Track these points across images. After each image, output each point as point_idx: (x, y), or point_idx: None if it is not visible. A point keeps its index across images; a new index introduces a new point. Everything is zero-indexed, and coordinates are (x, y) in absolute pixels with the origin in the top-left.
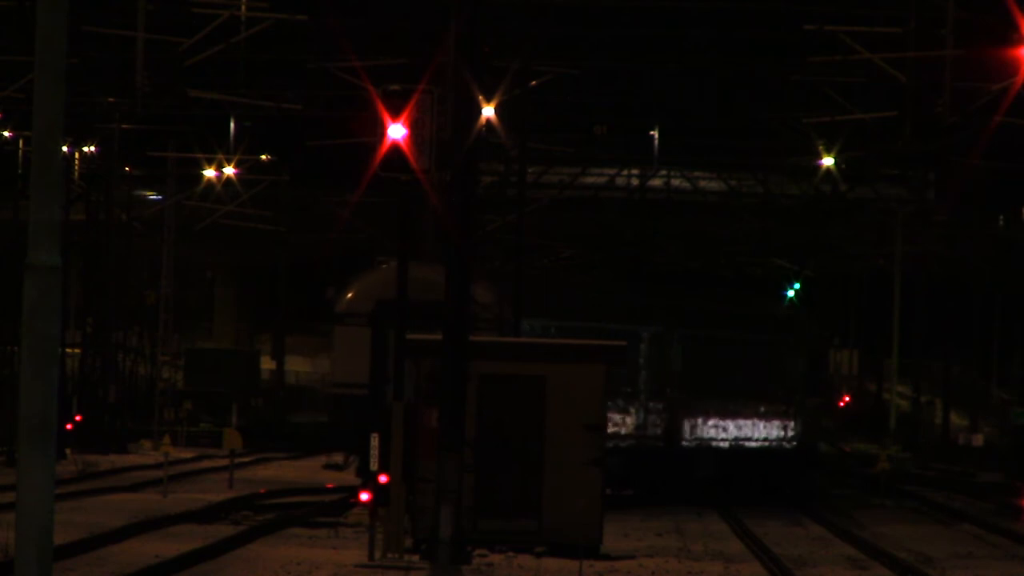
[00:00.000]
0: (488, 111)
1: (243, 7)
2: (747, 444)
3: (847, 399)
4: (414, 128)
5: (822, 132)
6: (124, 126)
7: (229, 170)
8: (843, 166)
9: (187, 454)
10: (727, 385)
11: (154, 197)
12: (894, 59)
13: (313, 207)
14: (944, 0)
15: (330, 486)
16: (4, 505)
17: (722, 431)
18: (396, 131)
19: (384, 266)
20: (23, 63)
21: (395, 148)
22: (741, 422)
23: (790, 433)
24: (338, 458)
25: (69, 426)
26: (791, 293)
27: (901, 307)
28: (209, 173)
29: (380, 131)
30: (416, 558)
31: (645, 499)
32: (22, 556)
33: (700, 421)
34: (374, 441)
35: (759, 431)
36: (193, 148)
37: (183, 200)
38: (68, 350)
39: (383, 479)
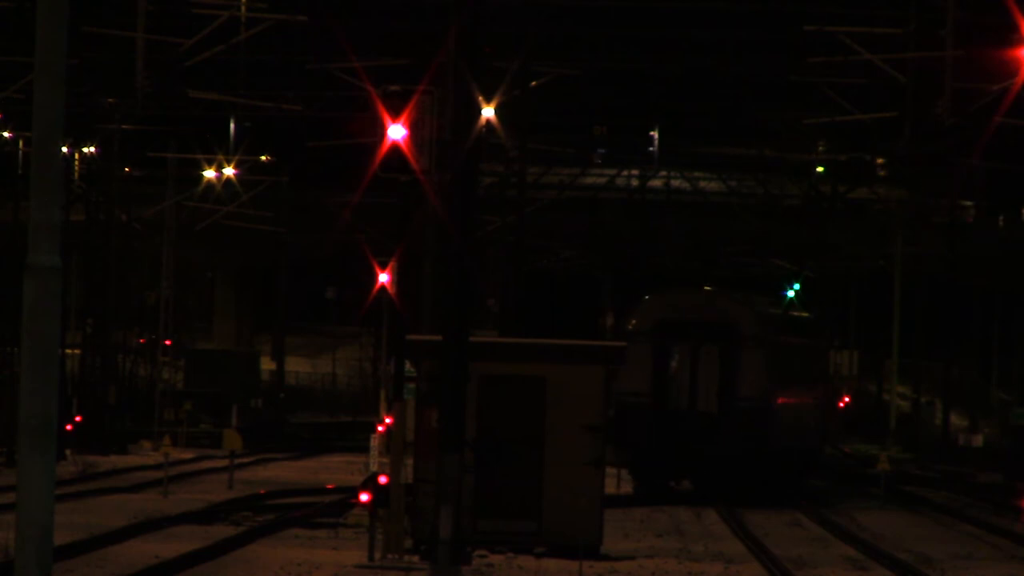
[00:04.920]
0: (488, 111)
1: (243, 7)
2: None
3: (847, 400)
4: (414, 129)
5: (822, 132)
6: (124, 126)
7: (229, 170)
8: (843, 166)
9: (187, 455)
10: None
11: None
12: (894, 60)
13: (313, 207)
14: (944, 0)
15: (330, 487)
16: (4, 505)
17: None
18: (396, 132)
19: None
20: (23, 63)
21: (395, 149)
22: None
23: None
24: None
25: (69, 427)
26: (791, 293)
27: (901, 307)
28: (209, 174)
29: (380, 132)
30: (416, 559)
31: (645, 499)
32: (22, 556)
33: None
34: (373, 441)
35: None
36: (193, 148)
37: (183, 201)
38: (68, 351)
39: (383, 480)
